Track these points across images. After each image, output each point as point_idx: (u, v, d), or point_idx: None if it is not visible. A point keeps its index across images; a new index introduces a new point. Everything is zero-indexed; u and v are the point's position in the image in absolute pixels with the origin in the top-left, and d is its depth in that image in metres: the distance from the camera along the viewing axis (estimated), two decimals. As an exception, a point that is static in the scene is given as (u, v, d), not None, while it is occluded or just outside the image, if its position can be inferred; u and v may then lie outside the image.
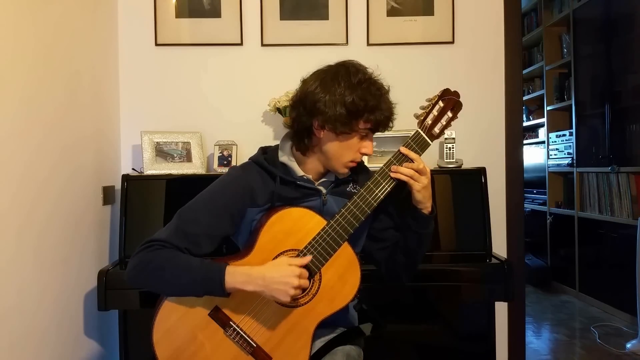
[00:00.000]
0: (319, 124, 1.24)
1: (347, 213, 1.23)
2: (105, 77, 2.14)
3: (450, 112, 1.31)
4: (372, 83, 1.24)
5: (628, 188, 3.41)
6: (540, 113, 4.73)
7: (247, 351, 1.22)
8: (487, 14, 2.27)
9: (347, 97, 1.20)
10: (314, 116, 1.23)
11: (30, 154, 1.58)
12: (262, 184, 1.29)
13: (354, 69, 1.25)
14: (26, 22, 1.56)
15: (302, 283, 1.16)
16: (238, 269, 1.17)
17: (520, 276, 2.27)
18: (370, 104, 1.21)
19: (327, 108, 1.21)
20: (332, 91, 1.21)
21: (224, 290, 1.16)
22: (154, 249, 1.19)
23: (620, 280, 3.43)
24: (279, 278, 1.15)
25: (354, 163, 1.30)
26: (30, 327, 1.58)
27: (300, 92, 1.28)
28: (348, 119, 1.21)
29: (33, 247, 1.60)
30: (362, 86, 1.22)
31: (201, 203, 1.26)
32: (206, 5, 2.24)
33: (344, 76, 1.22)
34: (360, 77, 1.23)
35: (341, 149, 1.26)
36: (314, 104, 1.22)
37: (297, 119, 1.28)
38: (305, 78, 1.30)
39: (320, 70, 1.29)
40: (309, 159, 1.32)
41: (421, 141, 1.28)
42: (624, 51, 3.52)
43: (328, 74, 1.25)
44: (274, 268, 1.17)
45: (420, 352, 2.02)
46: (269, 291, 1.15)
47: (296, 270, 1.16)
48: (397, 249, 1.35)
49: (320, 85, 1.23)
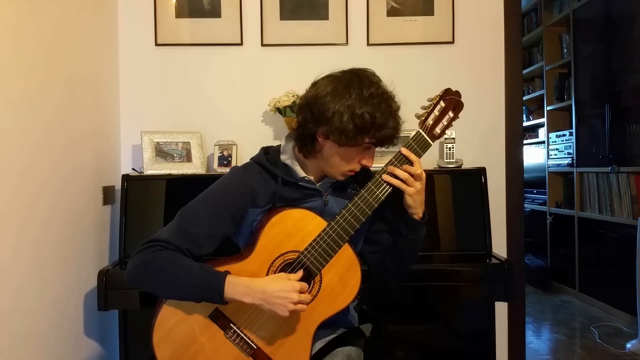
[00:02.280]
0: (323, 133, 1.22)
1: (348, 214, 1.22)
2: (105, 77, 2.14)
3: (452, 112, 1.30)
4: (383, 100, 1.20)
5: (628, 188, 3.41)
6: (540, 113, 4.73)
7: (248, 353, 1.22)
8: (487, 14, 2.27)
9: (356, 110, 1.17)
10: (320, 125, 1.21)
11: (30, 154, 1.58)
12: (264, 184, 1.28)
13: (367, 81, 1.21)
14: (26, 22, 1.56)
15: (302, 298, 1.16)
16: (238, 279, 1.17)
17: (520, 276, 2.27)
18: (379, 122, 1.18)
19: (335, 119, 1.18)
20: (342, 102, 1.18)
21: (222, 299, 1.16)
22: (155, 250, 1.18)
23: (620, 280, 3.44)
24: (279, 292, 1.14)
25: (352, 172, 1.29)
26: (30, 327, 1.58)
27: (310, 95, 1.25)
28: (354, 134, 1.19)
29: (33, 247, 1.59)
30: (373, 101, 1.18)
31: (202, 203, 1.26)
32: (206, 5, 2.24)
33: (357, 87, 1.19)
34: (373, 91, 1.19)
35: (342, 160, 1.25)
36: (322, 112, 1.20)
37: (303, 123, 1.25)
38: (317, 80, 1.27)
39: (333, 75, 1.25)
40: (310, 162, 1.31)
41: (422, 142, 1.27)
42: (624, 51, 3.51)
43: (341, 82, 1.21)
44: (273, 282, 1.16)
45: (420, 352, 2.02)
46: (268, 305, 1.15)
47: (297, 286, 1.15)
48: (388, 254, 1.35)
49: (331, 92, 1.20)
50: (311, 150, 1.27)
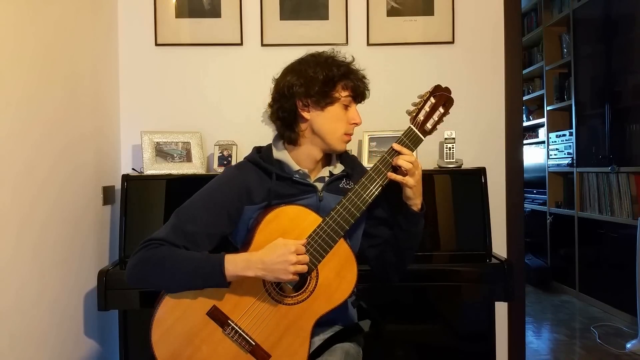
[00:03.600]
0: (302, 104, 1.29)
1: (342, 210, 1.24)
2: (105, 77, 2.14)
3: (442, 107, 1.32)
4: (335, 57, 1.33)
5: (628, 188, 3.41)
6: (540, 113, 4.74)
7: (246, 349, 1.22)
8: (487, 14, 2.27)
9: (318, 73, 1.28)
10: (294, 98, 1.30)
11: (30, 154, 1.58)
12: (259, 181, 1.30)
13: (315, 52, 1.35)
14: (26, 22, 1.56)
15: (300, 258, 1.17)
16: (237, 256, 1.19)
17: (520, 276, 2.27)
18: (342, 69, 1.29)
19: (304, 87, 1.28)
20: (304, 73, 1.29)
21: (224, 278, 1.16)
22: (152, 247, 1.20)
23: (620, 280, 3.44)
24: (277, 258, 1.16)
25: (349, 136, 1.34)
26: (30, 327, 1.58)
27: (275, 88, 1.35)
28: (327, 88, 1.28)
29: (33, 247, 1.60)
30: (328, 61, 1.30)
31: (198, 202, 1.27)
32: (206, 5, 2.24)
33: (310, 59, 1.32)
34: (325, 55, 1.32)
35: (331, 122, 1.30)
36: (290, 88, 1.29)
37: (280, 108, 1.33)
38: (277, 77, 1.37)
39: (287, 65, 1.37)
40: (302, 146, 1.34)
41: (414, 137, 1.29)
42: (624, 51, 3.52)
43: (294, 63, 1.34)
44: (270, 250, 1.18)
45: (420, 352, 2.02)
46: (271, 273, 1.16)
47: (291, 247, 1.16)
48: (388, 247, 1.36)
49: (291, 73, 1.32)
50: (299, 131, 1.32)
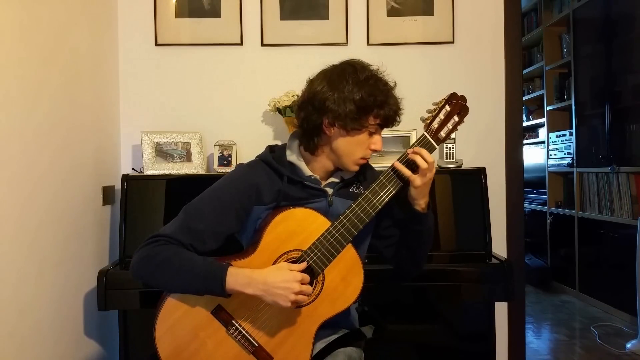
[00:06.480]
0: (329, 122, 1.24)
1: (352, 215, 1.23)
2: (105, 77, 2.14)
3: (457, 116, 1.31)
4: (378, 79, 1.25)
5: (628, 188, 3.41)
6: (540, 113, 4.74)
7: (249, 350, 1.22)
8: (487, 14, 2.27)
9: (355, 94, 1.21)
10: (323, 114, 1.24)
11: (30, 154, 1.58)
12: (269, 182, 1.29)
13: (359, 66, 1.26)
14: (26, 22, 1.56)
15: (303, 289, 1.16)
16: (240, 270, 1.17)
17: (520, 276, 2.27)
18: (379, 99, 1.23)
19: (337, 105, 1.22)
20: (340, 89, 1.22)
21: (224, 290, 1.16)
22: (160, 244, 1.19)
23: (620, 280, 3.44)
24: (281, 283, 1.14)
25: (364, 160, 1.30)
26: (30, 327, 1.58)
27: (307, 92, 1.29)
28: (358, 115, 1.22)
29: (33, 247, 1.59)
30: (369, 82, 1.23)
31: (207, 199, 1.27)
32: (206, 5, 2.24)
33: (351, 74, 1.24)
34: (367, 74, 1.24)
35: (351, 146, 1.26)
36: (322, 102, 1.23)
37: (306, 118, 1.27)
38: (312, 78, 1.30)
39: (325, 70, 1.29)
40: (318, 157, 1.32)
41: (427, 145, 1.28)
42: (624, 51, 3.51)
43: (334, 73, 1.26)
44: (275, 273, 1.16)
45: (421, 352, 2.02)
46: (270, 295, 1.15)
47: (297, 276, 1.15)
48: (402, 245, 1.36)
49: (328, 84, 1.24)
50: (318, 144, 1.29)
